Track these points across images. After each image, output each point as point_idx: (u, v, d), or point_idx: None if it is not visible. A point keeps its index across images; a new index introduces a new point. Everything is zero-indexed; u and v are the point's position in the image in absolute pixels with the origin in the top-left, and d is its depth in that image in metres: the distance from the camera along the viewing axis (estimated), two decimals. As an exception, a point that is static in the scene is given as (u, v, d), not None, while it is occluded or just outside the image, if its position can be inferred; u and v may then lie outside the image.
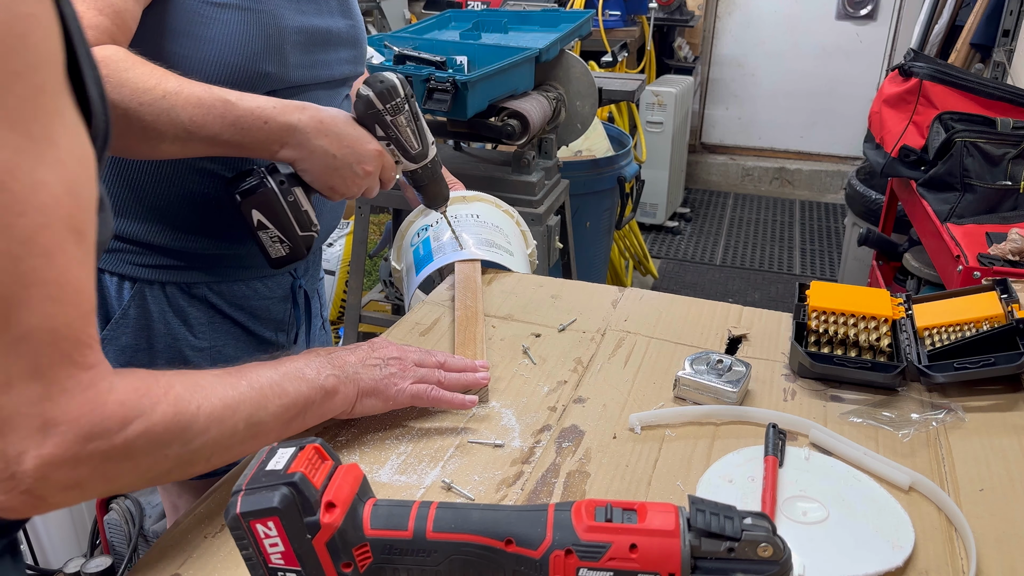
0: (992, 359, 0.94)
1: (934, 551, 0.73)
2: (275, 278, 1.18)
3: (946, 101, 2.13)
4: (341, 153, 0.97)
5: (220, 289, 1.12)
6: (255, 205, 0.99)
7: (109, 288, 1.08)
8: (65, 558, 1.58)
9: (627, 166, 2.61)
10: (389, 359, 0.88)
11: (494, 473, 0.83)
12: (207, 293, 1.11)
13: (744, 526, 0.57)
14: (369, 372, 0.85)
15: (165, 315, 1.09)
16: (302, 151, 0.95)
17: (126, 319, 1.08)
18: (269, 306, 1.18)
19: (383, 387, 0.86)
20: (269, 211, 0.99)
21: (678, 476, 0.83)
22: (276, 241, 1.01)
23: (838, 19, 4.51)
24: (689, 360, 0.98)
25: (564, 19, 2.15)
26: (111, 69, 0.85)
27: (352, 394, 0.83)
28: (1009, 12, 2.62)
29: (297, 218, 1.01)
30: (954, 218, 1.91)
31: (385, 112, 1.01)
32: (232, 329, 1.15)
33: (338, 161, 0.97)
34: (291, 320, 1.23)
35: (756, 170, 4.84)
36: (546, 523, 0.59)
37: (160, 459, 0.62)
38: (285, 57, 1.01)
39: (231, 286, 1.13)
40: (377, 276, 2.40)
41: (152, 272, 1.08)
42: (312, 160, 0.97)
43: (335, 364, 0.83)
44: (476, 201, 1.34)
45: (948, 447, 0.88)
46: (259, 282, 1.16)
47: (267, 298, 1.18)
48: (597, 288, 1.25)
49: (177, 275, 1.09)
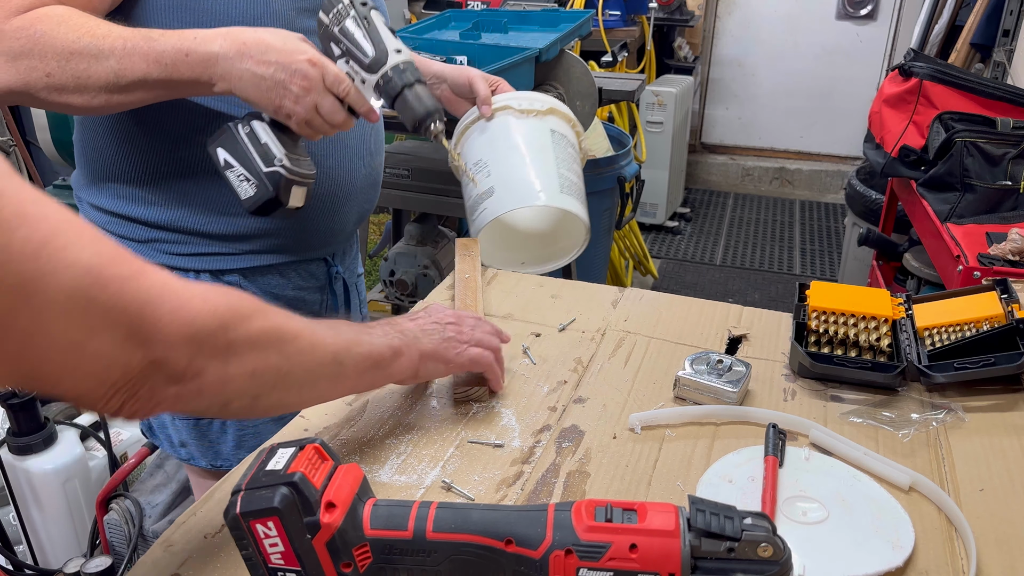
0: (992, 359, 0.94)
1: (934, 551, 0.73)
2: (309, 266, 1.17)
3: (946, 101, 2.13)
4: (268, 72, 0.90)
5: (254, 277, 1.12)
6: (219, 144, 0.98)
7: None
8: (65, 558, 1.58)
9: (627, 166, 2.61)
10: (447, 323, 0.89)
11: (494, 473, 0.83)
12: (241, 281, 1.11)
13: (744, 526, 0.57)
14: (429, 337, 0.86)
15: None
16: (231, 79, 0.91)
17: None
18: (304, 296, 1.18)
19: (443, 350, 0.87)
20: (230, 147, 0.97)
21: (678, 476, 0.83)
22: (243, 180, 0.98)
23: (838, 19, 4.51)
24: (689, 360, 0.98)
25: (564, 19, 2.15)
26: (45, 24, 0.86)
27: (415, 357, 0.84)
28: (1009, 12, 2.62)
29: (258, 151, 0.96)
30: (954, 218, 1.91)
31: (331, 24, 0.95)
32: None
33: (268, 81, 0.90)
34: (327, 312, 1.22)
35: (756, 170, 4.84)
36: (546, 523, 0.59)
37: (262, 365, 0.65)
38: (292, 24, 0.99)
39: (264, 276, 1.13)
40: (377, 276, 2.39)
41: (185, 260, 1.08)
42: (243, 86, 0.91)
43: (397, 329, 0.84)
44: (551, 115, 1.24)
45: (948, 447, 0.88)
46: (293, 270, 1.16)
47: (302, 288, 1.17)
48: (597, 288, 1.25)
49: (210, 262, 1.09)
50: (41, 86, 0.88)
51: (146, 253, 1.08)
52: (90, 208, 1.13)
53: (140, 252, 1.05)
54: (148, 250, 1.09)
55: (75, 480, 1.82)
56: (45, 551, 1.85)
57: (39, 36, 0.86)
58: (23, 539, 1.85)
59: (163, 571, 0.71)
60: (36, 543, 1.85)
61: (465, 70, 1.27)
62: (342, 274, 1.24)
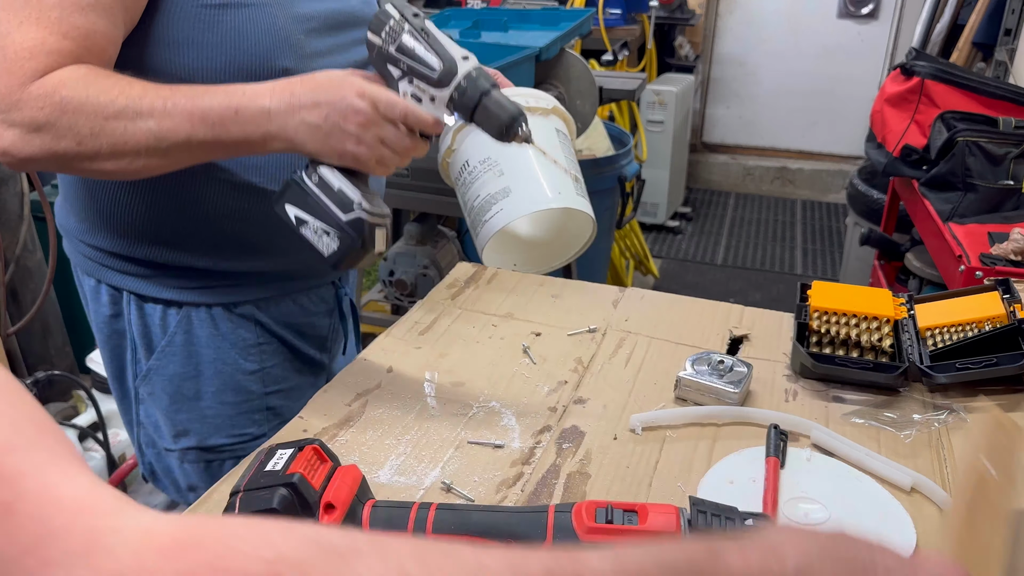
0: (994, 359, 0.94)
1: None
2: (320, 291, 1.13)
3: (948, 100, 2.13)
4: (321, 118, 0.82)
5: (267, 307, 1.07)
6: (286, 200, 0.88)
7: (152, 317, 1.04)
8: (64, 558, 1.58)
9: (628, 165, 2.61)
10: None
11: (494, 474, 0.83)
12: (255, 312, 1.06)
13: (745, 527, 0.56)
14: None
15: (213, 339, 1.05)
16: (287, 135, 0.83)
17: (172, 347, 1.04)
18: (315, 322, 1.13)
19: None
20: (300, 201, 0.87)
21: (679, 477, 0.83)
22: (322, 233, 0.88)
23: (839, 18, 4.50)
24: (690, 360, 0.97)
25: (564, 18, 2.15)
26: (70, 90, 0.79)
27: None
28: (1011, 11, 2.61)
29: (333, 199, 0.86)
30: (956, 218, 1.90)
31: (385, 44, 0.85)
32: (279, 349, 1.10)
33: (324, 127, 0.82)
34: (334, 335, 1.18)
35: (757, 169, 4.83)
36: (546, 524, 0.59)
37: None
38: (301, 46, 0.94)
39: (278, 303, 1.08)
40: (376, 276, 2.39)
41: (199, 295, 1.03)
42: (301, 139, 0.83)
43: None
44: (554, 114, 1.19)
45: (950, 448, 0.87)
46: (305, 296, 1.11)
47: (313, 313, 1.13)
48: (598, 288, 1.24)
49: (224, 295, 1.04)
50: (71, 155, 0.81)
51: (156, 290, 1.02)
52: (86, 247, 1.05)
53: (149, 288, 1.02)
54: (158, 287, 1.02)
55: (75, 480, 1.81)
56: (45, 551, 1.85)
57: (65, 104, 0.79)
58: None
59: (161, 572, 0.71)
60: (36, 543, 1.85)
61: None
62: (349, 295, 1.21)
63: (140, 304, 1.04)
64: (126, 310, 1.05)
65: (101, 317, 1.07)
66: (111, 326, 1.07)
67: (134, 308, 1.04)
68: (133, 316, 1.05)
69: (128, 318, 1.05)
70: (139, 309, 1.04)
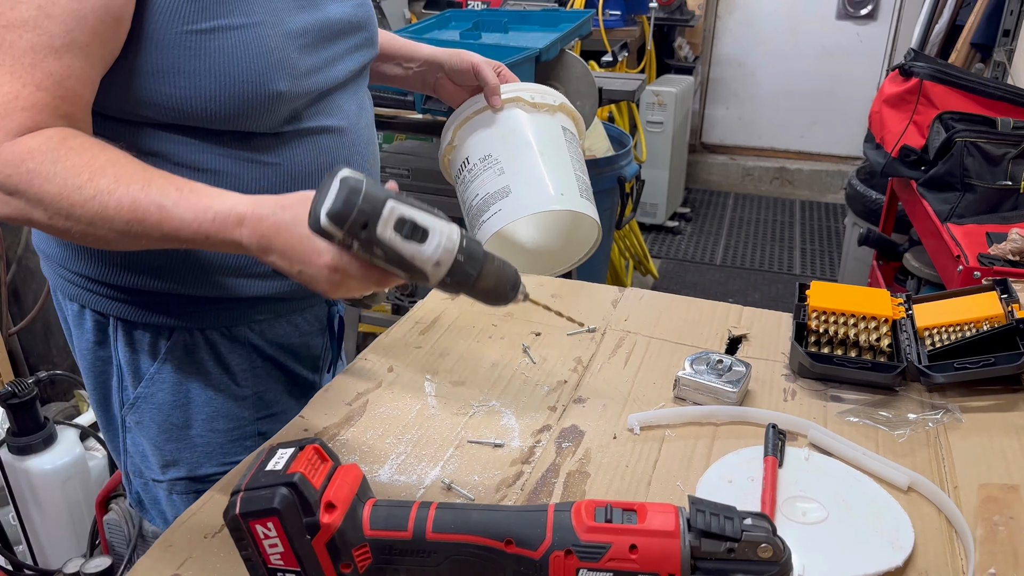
0: (992, 359, 0.94)
1: (933, 551, 0.73)
2: (312, 310, 1.09)
3: (946, 101, 2.13)
4: (294, 270, 0.76)
5: (261, 329, 1.03)
6: None
7: (141, 343, 0.99)
8: (64, 558, 1.58)
9: (627, 166, 2.61)
10: None
11: (494, 473, 0.83)
12: (248, 334, 1.02)
13: (744, 527, 0.57)
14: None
15: (205, 364, 1.01)
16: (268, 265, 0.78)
17: (162, 374, 1.00)
18: (308, 341, 1.10)
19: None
20: None
21: (678, 476, 0.83)
22: None
23: (838, 19, 4.51)
24: (689, 360, 0.98)
25: (564, 19, 2.15)
26: (37, 162, 0.74)
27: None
28: (1009, 12, 2.62)
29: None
30: (954, 218, 1.91)
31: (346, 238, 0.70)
32: (272, 371, 1.07)
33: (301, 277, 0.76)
34: (325, 354, 1.15)
35: (756, 170, 4.84)
36: (546, 524, 0.59)
37: None
38: (295, 66, 0.89)
39: (273, 325, 1.04)
40: (377, 276, 2.39)
41: (191, 319, 0.98)
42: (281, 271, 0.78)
43: None
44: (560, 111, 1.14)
45: (948, 447, 0.88)
46: (300, 316, 1.07)
47: (307, 333, 1.09)
48: (597, 288, 1.25)
49: (218, 319, 0.99)
50: (44, 227, 0.78)
51: (144, 316, 0.97)
52: (68, 272, 1.00)
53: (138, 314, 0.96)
54: (141, 311, 0.97)
55: (75, 480, 1.82)
56: (45, 551, 1.85)
57: (31, 176, 0.74)
58: (23, 539, 1.85)
59: (163, 571, 0.71)
60: (36, 543, 1.85)
61: (464, 54, 1.14)
62: (340, 311, 1.17)
63: (128, 330, 0.99)
64: (112, 336, 1.00)
65: (85, 344, 1.02)
66: (95, 353, 1.02)
67: (121, 334, 0.99)
68: (120, 342, 1.00)
69: (115, 344, 1.00)
70: (127, 336, 0.99)
